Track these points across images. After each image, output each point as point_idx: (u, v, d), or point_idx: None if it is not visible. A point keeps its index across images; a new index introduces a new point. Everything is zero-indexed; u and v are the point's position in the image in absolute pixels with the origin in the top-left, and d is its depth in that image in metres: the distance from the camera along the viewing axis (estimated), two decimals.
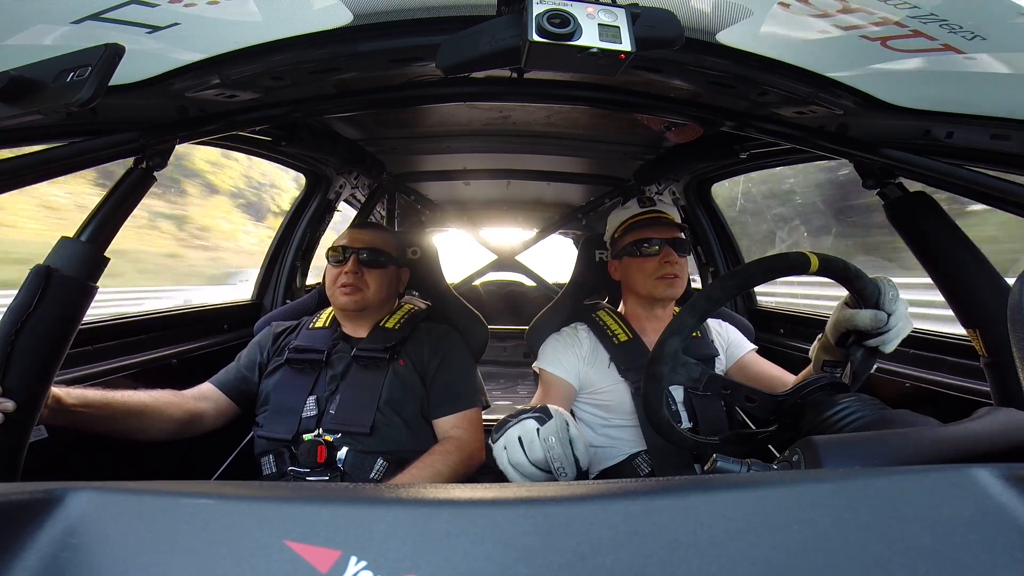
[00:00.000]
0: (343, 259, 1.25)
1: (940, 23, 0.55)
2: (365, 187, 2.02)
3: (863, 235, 4.91)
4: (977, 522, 0.36)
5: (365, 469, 1.11)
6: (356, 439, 1.12)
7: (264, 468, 1.14)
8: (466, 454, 1.14)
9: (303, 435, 1.12)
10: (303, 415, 1.14)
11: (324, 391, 1.17)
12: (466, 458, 1.13)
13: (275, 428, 1.14)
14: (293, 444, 1.12)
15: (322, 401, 1.16)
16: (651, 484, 0.39)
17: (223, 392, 1.21)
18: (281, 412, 1.16)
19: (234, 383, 1.23)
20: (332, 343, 1.25)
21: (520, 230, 3.02)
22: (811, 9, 0.58)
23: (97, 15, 0.56)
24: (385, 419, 1.14)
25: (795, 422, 0.80)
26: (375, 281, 1.25)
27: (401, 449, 1.13)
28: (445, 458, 1.10)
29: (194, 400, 1.15)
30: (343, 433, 1.12)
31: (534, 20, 0.54)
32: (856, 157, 0.92)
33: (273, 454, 1.14)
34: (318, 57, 0.73)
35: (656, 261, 1.19)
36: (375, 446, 1.12)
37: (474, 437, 1.19)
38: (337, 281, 1.24)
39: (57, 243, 0.79)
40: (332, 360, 1.22)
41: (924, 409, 0.67)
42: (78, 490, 0.36)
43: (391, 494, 0.38)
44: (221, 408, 1.19)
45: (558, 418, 0.72)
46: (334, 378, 1.19)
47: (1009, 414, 0.57)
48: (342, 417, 1.13)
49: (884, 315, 0.80)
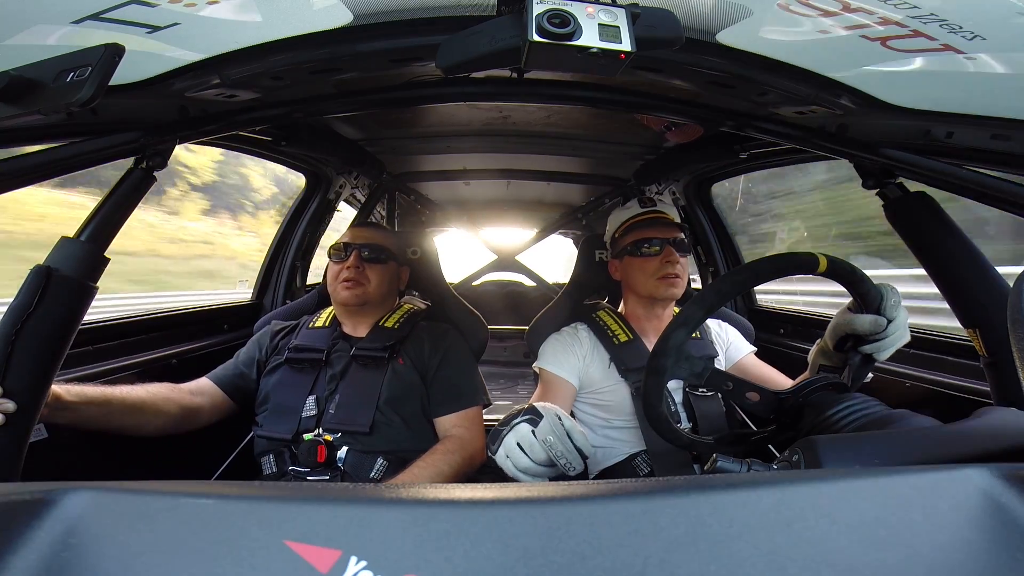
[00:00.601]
0: (345, 255, 1.26)
1: (940, 23, 0.55)
2: (365, 187, 2.02)
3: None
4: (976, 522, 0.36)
5: (365, 468, 1.11)
6: (356, 438, 1.12)
7: (264, 468, 1.14)
8: (468, 453, 1.14)
9: (303, 435, 1.12)
10: (303, 415, 1.14)
11: (324, 391, 1.17)
12: (468, 457, 1.13)
13: (275, 428, 1.14)
14: (293, 444, 1.12)
15: (322, 401, 1.16)
16: (651, 484, 0.39)
17: (220, 388, 1.21)
18: (281, 412, 1.16)
19: (231, 379, 1.23)
20: (332, 342, 1.25)
21: (520, 230, 3.03)
22: (811, 9, 0.58)
23: (97, 15, 0.56)
24: (384, 418, 1.14)
25: (795, 422, 0.80)
26: (376, 276, 1.26)
27: (401, 448, 1.13)
28: (447, 457, 1.10)
29: (190, 395, 1.15)
30: (343, 432, 1.12)
31: (534, 20, 0.54)
32: (856, 157, 0.92)
33: (273, 454, 1.14)
34: (318, 57, 0.73)
35: (657, 261, 1.19)
36: (375, 445, 1.12)
37: (476, 436, 1.19)
38: (339, 276, 1.24)
39: (57, 243, 0.79)
40: (332, 359, 1.22)
41: (924, 409, 0.67)
42: (78, 490, 0.36)
43: (391, 494, 0.38)
44: (217, 404, 1.19)
45: (548, 415, 0.73)
46: (333, 377, 1.19)
47: (1009, 414, 0.57)
48: (341, 416, 1.13)
49: (884, 320, 0.80)
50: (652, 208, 1.26)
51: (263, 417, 1.18)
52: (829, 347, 0.89)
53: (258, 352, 1.27)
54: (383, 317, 1.30)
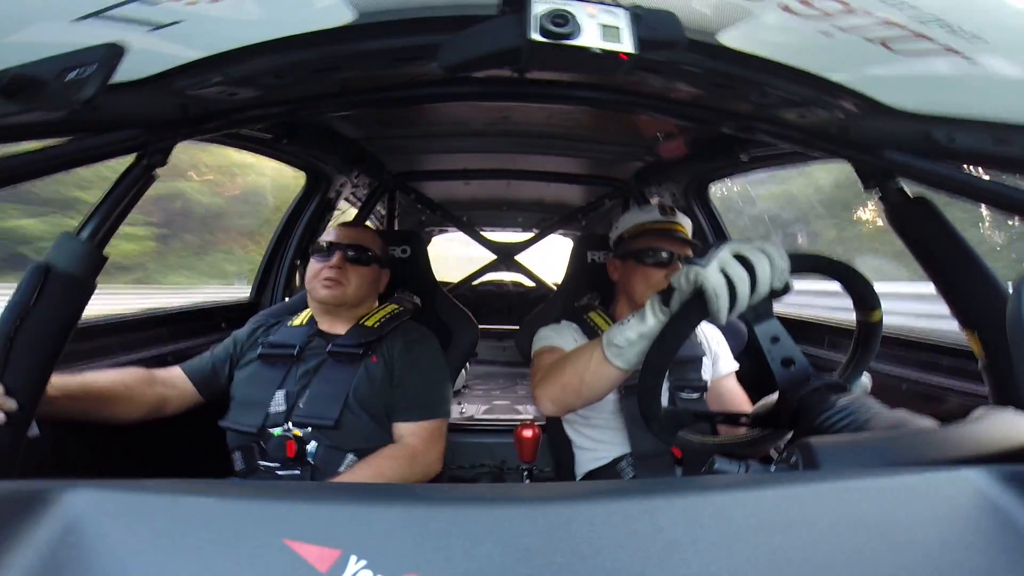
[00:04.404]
0: (328, 254, 1.25)
1: (942, 25, 0.55)
2: (365, 186, 2.02)
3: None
4: (974, 522, 0.36)
5: (334, 464, 1.11)
6: (324, 433, 1.12)
7: (236, 464, 1.15)
8: (419, 465, 1.12)
9: (270, 429, 1.12)
10: (270, 409, 1.14)
11: (295, 386, 1.17)
12: (419, 469, 1.11)
13: (240, 420, 1.15)
14: (262, 439, 1.12)
15: (291, 396, 1.16)
16: (651, 484, 0.39)
17: (189, 378, 1.21)
18: (247, 404, 1.16)
19: (202, 371, 1.23)
20: (307, 339, 1.24)
21: (520, 231, 3.03)
22: (812, 11, 0.58)
23: (99, 13, 0.56)
24: (352, 414, 1.14)
25: (792, 423, 0.80)
26: (357, 278, 1.25)
27: (370, 446, 1.12)
28: (392, 463, 1.08)
29: (162, 385, 1.16)
30: (311, 427, 1.12)
31: (535, 20, 0.54)
32: (857, 160, 0.92)
33: (242, 449, 1.14)
34: (320, 56, 0.73)
35: (662, 275, 1.16)
36: (343, 442, 1.12)
37: (431, 449, 1.16)
38: (320, 275, 1.24)
39: (56, 240, 0.79)
40: (305, 355, 1.22)
41: (922, 410, 0.67)
42: (76, 488, 0.36)
43: (391, 494, 0.38)
44: (184, 394, 1.20)
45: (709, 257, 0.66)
46: (306, 373, 1.19)
47: (1007, 415, 0.57)
48: (310, 410, 1.14)
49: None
50: (672, 220, 1.23)
51: (231, 410, 1.18)
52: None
53: (233, 347, 1.27)
54: (365, 316, 1.29)
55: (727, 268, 0.67)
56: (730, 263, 0.67)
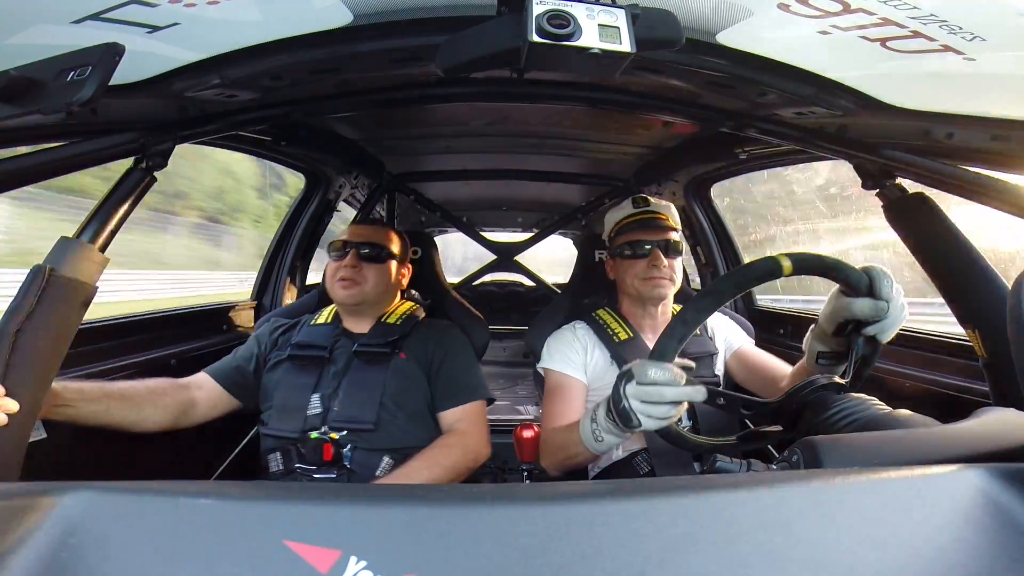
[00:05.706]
0: (343, 253, 1.26)
1: (940, 24, 0.55)
2: (365, 187, 2.02)
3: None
4: (975, 521, 0.36)
5: (371, 467, 1.11)
6: (361, 436, 1.12)
7: (271, 466, 1.14)
8: (470, 449, 1.14)
9: (308, 432, 1.12)
10: (308, 413, 1.14)
11: (328, 388, 1.17)
12: (470, 453, 1.13)
13: (281, 426, 1.15)
14: (300, 442, 1.13)
15: (326, 398, 1.16)
16: (651, 484, 0.39)
17: (217, 381, 1.21)
18: (286, 410, 1.16)
19: (229, 374, 1.23)
20: (334, 339, 1.25)
21: (520, 230, 3.03)
22: (811, 10, 0.58)
23: (97, 15, 0.56)
24: (388, 414, 1.15)
25: (794, 422, 0.80)
26: (374, 276, 1.25)
27: (406, 445, 1.13)
28: (446, 451, 1.10)
29: (186, 389, 1.15)
30: (348, 430, 1.12)
31: (534, 20, 0.54)
32: (856, 158, 0.92)
33: (280, 452, 1.14)
34: (318, 57, 0.73)
35: (645, 263, 1.19)
36: (380, 443, 1.12)
37: (478, 431, 1.19)
38: (336, 275, 1.24)
39: (56, 243, 0.79)
40: (334, 356, 1.22)
41: (924, 409, 0.67)
42: (77, 490, 0.36)
43: (391, 494, 0.38)
44: (213, 399, 1.19)
45: (635, 368, 0.75)
46: (336, 374, 1.19)
47: (1007, 414, 0.57)
48: (346, 414, 1.14)
49: (885, 304, 0.78)
50: (645, 209, 1.26)
51: (268, 415, 1.18)
52: (827, 333, 0.87)
53: (257, 348, 1.27)
54: (385, 313, 1.30)
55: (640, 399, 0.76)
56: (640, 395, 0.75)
